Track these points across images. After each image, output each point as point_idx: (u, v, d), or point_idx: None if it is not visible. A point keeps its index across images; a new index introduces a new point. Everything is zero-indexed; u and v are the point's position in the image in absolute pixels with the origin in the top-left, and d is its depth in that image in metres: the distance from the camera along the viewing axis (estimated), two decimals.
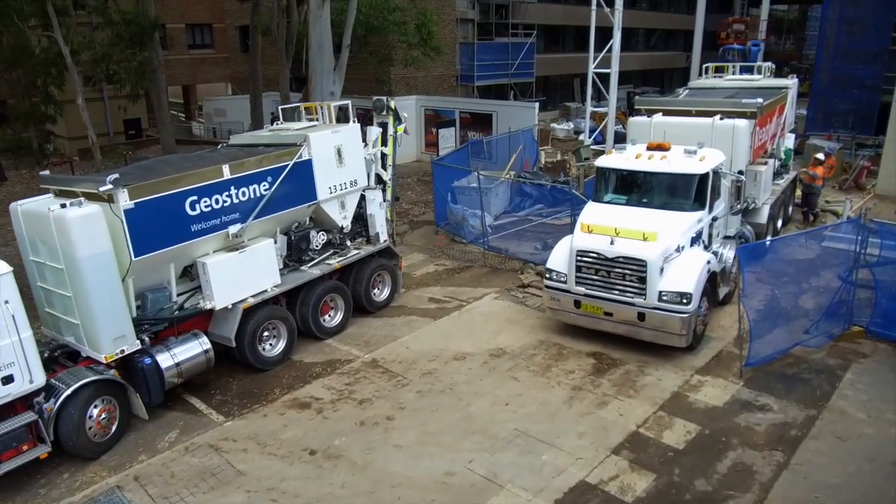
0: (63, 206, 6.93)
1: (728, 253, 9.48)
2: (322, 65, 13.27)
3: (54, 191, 7.79)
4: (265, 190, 8.66)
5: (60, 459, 6.87)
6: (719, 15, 32.40)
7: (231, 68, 34.08)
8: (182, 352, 7.94)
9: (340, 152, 9.63)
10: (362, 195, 10.36)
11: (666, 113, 10.32)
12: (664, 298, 7.88)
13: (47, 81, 16.36)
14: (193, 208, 7.94)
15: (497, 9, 28.10)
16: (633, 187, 8.95)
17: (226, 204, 8.27)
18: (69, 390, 6.76)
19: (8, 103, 25.20)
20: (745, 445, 6.58)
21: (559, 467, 6.34)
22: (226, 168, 8.24)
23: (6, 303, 6.27)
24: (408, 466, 6.53)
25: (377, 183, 10.98)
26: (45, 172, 11.84)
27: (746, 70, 15.10)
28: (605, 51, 21.05)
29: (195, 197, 7.94)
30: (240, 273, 8.39)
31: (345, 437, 7.13)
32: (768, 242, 8.65)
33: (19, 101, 21.53)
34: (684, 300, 7.79)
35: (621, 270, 8.06)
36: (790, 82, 12.91)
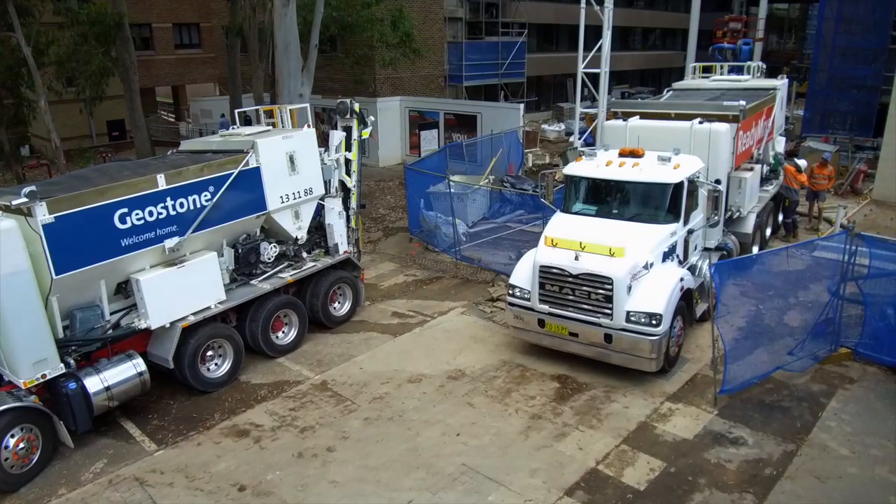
0: None
1: (707, 267, 8.84)
2: (289, 65, 12.68)
3: None
4: (206, 200, 8.08)
5: None
6: (717, 14, 31.68)
7: (219, 68, 33.54)
8: (113, 375, 7.36)
9: (293, 159, 9.04)
10: (321, 204, 9.79)
11: (643, 116, 9.69)
12: (632, 319, 7.25)
13: (18, 83, 15.87)
14: (123, 221, 7.36)
15: (487, 7, 27.46)
16: (603, 197, 8.33)
17: (161, 216, 7.69)
18: None
19: None
20: (714, 486, 5.95)
21: None
22: (161, 178, 7.67)
23: None
24: None
25: (342, 190, 10.43)
26: None
27: (737, 70, 14.43)
28: (595, 50, 20.37)
29: (125, 209, 7.36)
30: (178, 289, 7.82)
31: (279, 471, 6.54)
32: (748, 259, 8.00)
33: None
34: (654, 321, 7.17)
35: (586, 288, 7.44)
36: (779, 83, 12.24)
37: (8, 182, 19.11)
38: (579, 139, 19.14)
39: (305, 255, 9.61)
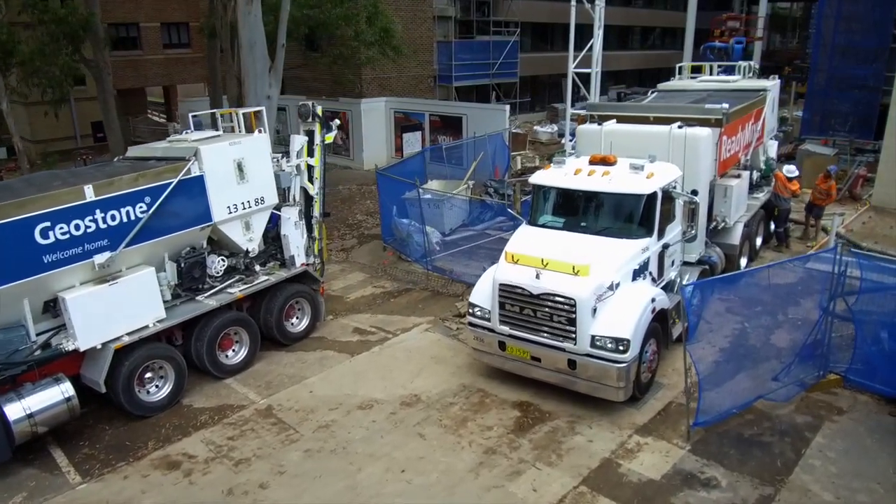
0: None
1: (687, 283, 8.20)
2: (255, 66, 12.09)
3: None
4: (142, 212, 7.50)
5: None
6: (718, 13, 30.92)
7: (208, 69, 33.02)
8: (37, 401, 6.79)
9: (242, 166, 8.45)
10: (277, 214, 9.21)
11: (620, 120, 9.03)
12: (597, 344, 6.62)
13: None
14: (46, 236, 6.79)
15: (479, 6, 26.81)
16: (571, 208, 7.70)
17: (90, 230, 7.11)
18: None
19: None
20: None
21: None
22: (88, 189, 7.09)
23: None
24: None
25: (304, 198, 9.85)
26: None
27: (729, 70, 13.74)
28: (587, 49, 19.70)
29: (48, 223, 6.79)
30: (111, 307, 7.24)
31: None
32: (724, 279, 7.34)
33: None
34: (621, 347, 6.53)
35: (548, 309, 6.81)
36: (770, 84, 11.54)
37: None
38: (570, 141, 18.49)
39: (259, 269, 9.02)
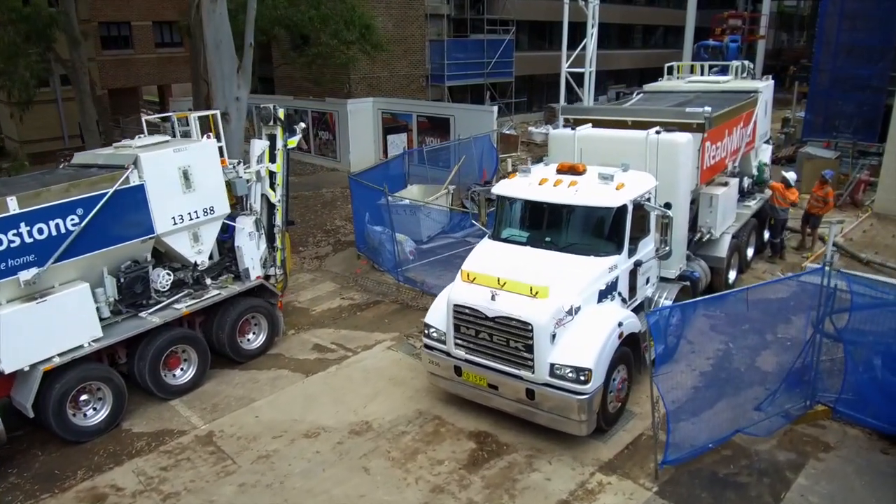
0: None
1: (664, 302, 7.60)
2: (222, 67, 11.56)
3: None
4: (73, 225, 6.99)
5: None
6: (720, 10, 30.14)
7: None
8: None
9: (188, 174, 7.92)
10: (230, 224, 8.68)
11: (597, 124, 8.42)
12: (557, 373, 6.03)
13: None
14: None
15: (473, 3, 26.21)
16: (536, 222, 7.10)
17: (13, 245, 6.60)
18: None
19: None
20: None
21: None
22: (11, 201, 6.58)
23: None
24: None
25: (267, 206, 9.33)
26: None
27: (723, 70, 13.07)
28: (580, 48, 19.07)
29: None
30: (39, 327, 6.73)
31: None
32: (689, 305, 6.69)
33: None
34: (582, 377, 5.93)
35: (505, 334, 6.23)
36: (762, 85, 10.85)
37: None
38: None
39: (210, 282, 8.50)
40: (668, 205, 6.78)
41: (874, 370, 6.59)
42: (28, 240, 6.69)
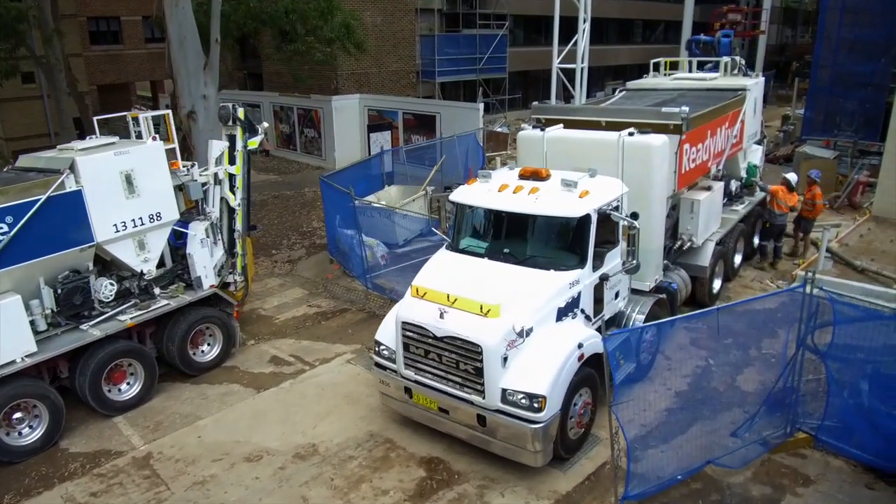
0: None
1: (637, 316, 7.10)
2: (187, 63, 11.10)
3: None
4: (2, 234, 6.55)
5: None
6: (719, 5, 29.37)
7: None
8: None
9: (131, 179, 7.47)
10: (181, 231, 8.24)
11: (569, 125, 7.90)
12: (509, 399, 5.54)
13: None
14: None
15: None
16: (495, 232, 6.61)
17: None
18: None
19: None
20: None
21: None
22: None
23: None
24: None
25: (228, 210, 8.89)
26: None
27: (713, 66, 12.48)
28: (571, 44, 18.50)
29: None
30: None
31: None
32: (642, 329, 6.16)
33: None
34: (535, 404, 5.44)
35: (454, 355, 5.75)
36: (751, 82, 10.26)
37: None
38: None
39: (158, 292, 8.06)
40: (636, 214, 6.26)
41: (860, 395, 6.06)
42: None
